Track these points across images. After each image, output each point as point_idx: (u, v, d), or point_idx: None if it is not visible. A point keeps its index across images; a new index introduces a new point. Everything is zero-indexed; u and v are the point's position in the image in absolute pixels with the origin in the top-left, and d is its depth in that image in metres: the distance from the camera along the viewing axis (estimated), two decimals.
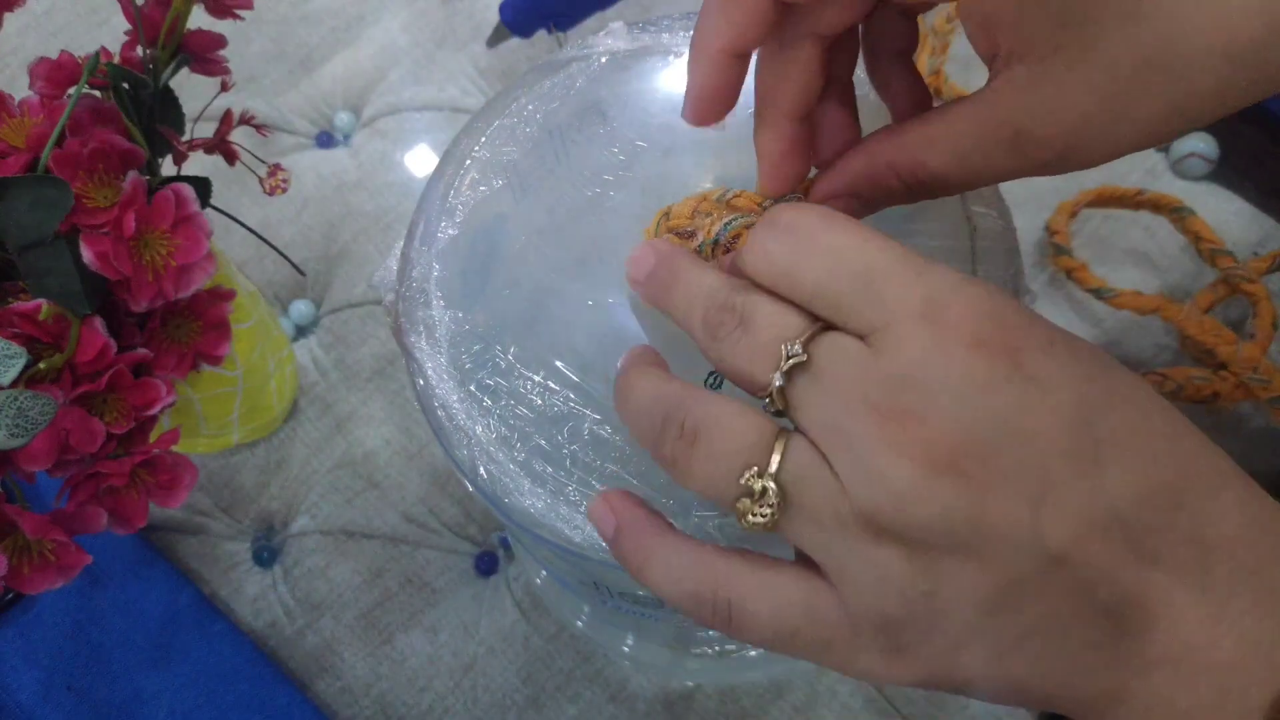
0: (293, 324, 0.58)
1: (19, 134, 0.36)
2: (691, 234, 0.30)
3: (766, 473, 0.23)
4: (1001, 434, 0.21)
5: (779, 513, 0.23)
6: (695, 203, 0.31)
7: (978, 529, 0.21)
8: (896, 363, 0.22)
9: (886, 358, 0.22)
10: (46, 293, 0.34)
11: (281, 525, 0.54)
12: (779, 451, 0.23)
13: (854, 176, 0.28)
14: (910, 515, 0.21)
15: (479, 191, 0.35)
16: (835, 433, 0.22)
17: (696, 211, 0.30)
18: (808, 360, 0.23)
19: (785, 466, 0.23)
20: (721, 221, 0.29)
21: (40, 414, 0.33)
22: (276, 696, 0.49)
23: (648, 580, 0.26)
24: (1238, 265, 0.53)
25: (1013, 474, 0.21)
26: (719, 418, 0.24)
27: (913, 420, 0.21)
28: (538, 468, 0.31)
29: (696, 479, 0.24)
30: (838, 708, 0.49)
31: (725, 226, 0.29)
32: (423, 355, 0.33)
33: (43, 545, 0.35)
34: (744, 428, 0.24)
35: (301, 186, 0.61)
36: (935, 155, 0.26)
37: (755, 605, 0.24)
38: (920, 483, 0.21)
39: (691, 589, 0.25)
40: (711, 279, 0.26)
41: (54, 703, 0.49)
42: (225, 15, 0.40)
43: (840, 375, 0.22)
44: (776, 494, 0.23)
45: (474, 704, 0.50)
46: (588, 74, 0.37)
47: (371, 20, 0.66)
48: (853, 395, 0.22)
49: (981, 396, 0.21)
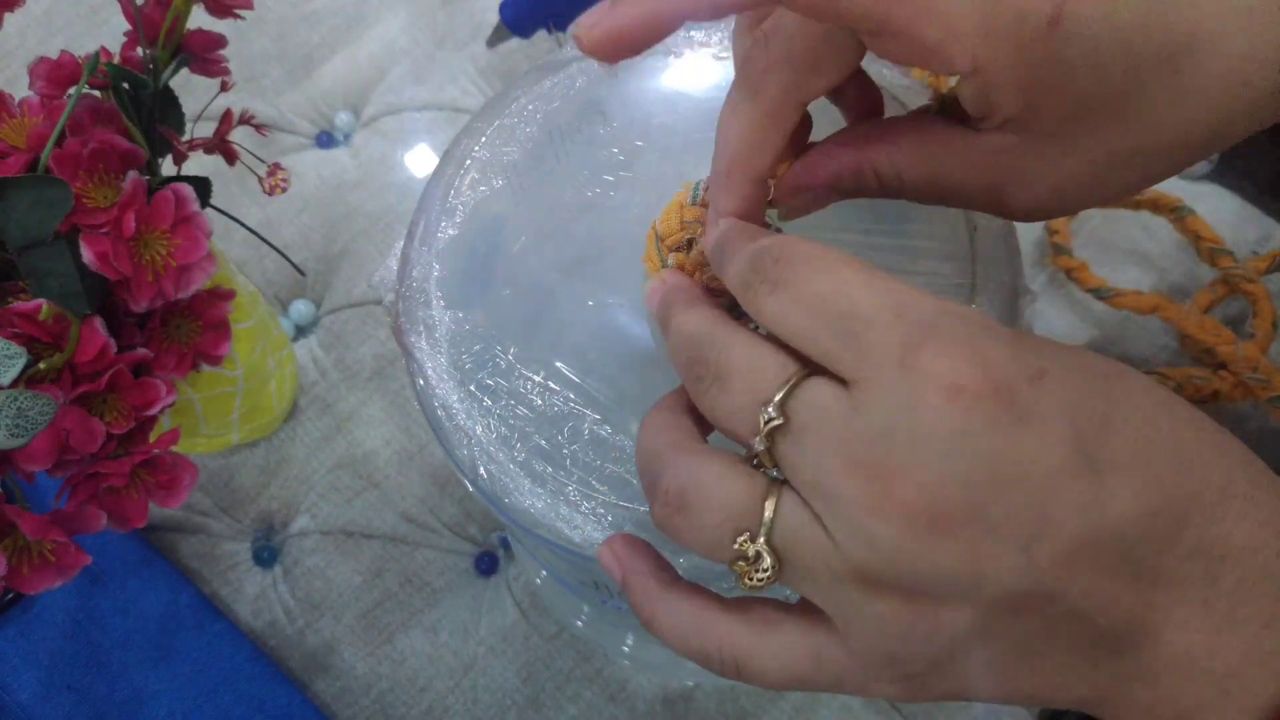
0: (293, 324, 0.58)
1: (19, 134, 0.36)
2: (690, 243, 0.30)
3: (758, 537, 0.23)
4: (988, 482, 0.21)
5: (775, 573, 0.23)
6: (677, 213, 0.31)
7: (970, 579, 0.21)
8: (877, 417, 0.21)
9: (866, 411, 0.22)
10: (46, 293, 0.34)
11: (281, 525, 0.54)
12: (769, 511, 0.23)
13: (838, 170, 0.28)
14: (901, 571, 0.21)
15: (479, 191, 0.35)
16: (822, 492, 0.22)
17: (684, 223, 0.30)
18: (785, 422, 0.23)
19: (777, 528, 0.23)
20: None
21: (40, 414, 0.33)
22: (276, 696, 0.49)
23: (656, 634, 0.26)
24: (1237, 265, 0.53)
25: (1003, 521, 0.21)
26: (705, 482, 0.24)
27: (895, 478, 0.21)
28: (538, 468, 0.31)
29: (688, 545, 0.24)
30: (837, 708, 0.49)
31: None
32: (423, 355, 0.33)
33: (42, 545, 0.35)
34: (730, 491, 0.23)
35: (301, 186, 0.61)
36: (915, 173, 0.27)
37: (762, 662, 0.24)
38: (908, 543, 0.21)
39: (698, 647, 0.25)
40: (693, 324, 0.26)
41: (54, 703, 0.49)
42: (225, 15, 0.40)
43: (821, 434, 0.22)
44: (771, 555, 0.23)
45: (474, 704, 0.50)
46: (588, 74, 0.37)
47: (371, 20, 0.66)
48: (835, 455, 0.22)
49: (964, 445, 0.21)
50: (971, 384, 0.21)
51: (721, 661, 0.25)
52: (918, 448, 0.21)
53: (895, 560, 0.21)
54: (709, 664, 0.25)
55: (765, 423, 0.23)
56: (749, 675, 0.25)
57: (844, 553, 0.22)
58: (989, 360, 0.21)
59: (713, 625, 0.25)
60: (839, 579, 0.22)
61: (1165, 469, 0.22)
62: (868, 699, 0.49)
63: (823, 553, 0.22)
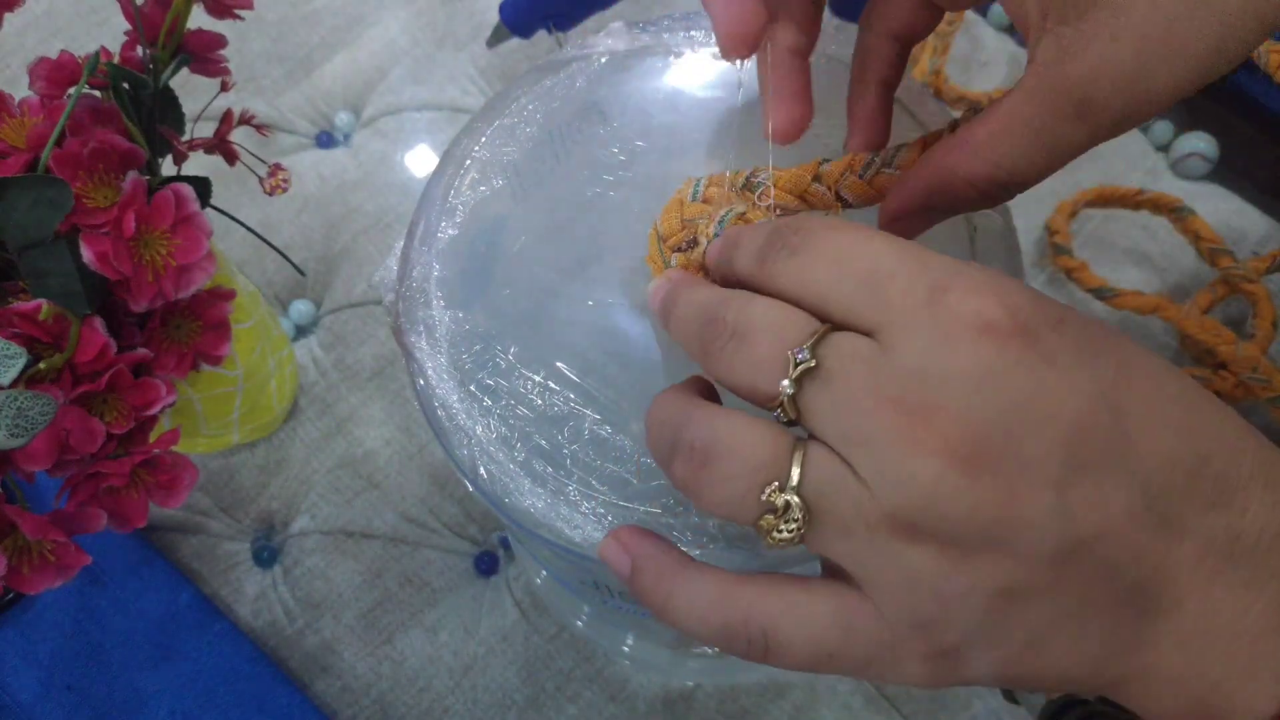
0: (293, 324, 0.58)
1: (19, 134, 0.36)
2: (694, 242, 0.30)
3: (788, 487, 0.22)
4: (1021, 420, 0.21)
5: (805, 526, 0.22)
6: (678, 210, 0.31)
7: (1007, 522, 0.21)
8: (908, 357, 0.21)
9: (897, 353, 0.22)
10: (46, 293, 0.34)
11: (281, 525, 0.54)
12: (798, 463, 0.22)
13: (927, 192, 0.27)
14: (940, 513, 0.21)
15: (479, 191, 0.35)
16: (855, 436, 0.22)
17: (684, 221, 0.30)
18: (816, 365, 0.22)
19: (807, 478, 0.22)
20: (715, 221, 0.29)
21: (40, 414, 0.33)
22: (276, 696, 0.49)
23: (672, 618, 0.25)
24: (1237, 265, 0.53)
25: (1036, 461, 0.21)
26: (729, 435, 0.23)
27: (932, 414, 0.21)
28: (538, 468, 0.31)
29: (713, 502, 0.23)
30: (838, 707, 0.49)
31: (720, 225, 0.29)
32: (423, 355, 0.33)
33: (42, 545, 0.35)
34: (756, 442, 0.23)
35: (301, 186, 0.61)
36: (1006, 151, 0.25)
37: (789, 631, 0.23)
38: (948, 479, 0.21)
39: (721, 622, 0.24)
40: (704, 294, 0.26)
41: (54, 702, 0.49)
42: (225, 15, 0.40)
43: (853, 376, 0.22)
44: (801, 508, 0.22)
45: (474, 704, 0.50)
46: (588, 74, 0.37)
47: (371, 20, 0.66)
48: (868, 395, 0.22)
49: (996, 382, 0.21)
50: (1000, 322, 0.21)
51: (748, 635, 0.24)
52: (952, 384, 0.21)
53: (934, 499, 0.21)
54: (732, 641, 0.24)
55: (796, 365, 0.22)
56: (775, 648, 0.24)
57: (879, 498, 0.21)
58: (1014, 304, 0.22)
59: (734, 595, 0.24)
60: (871, 527, 0.22)
61: (1181, 421, 0.22)
62: (863, 693, 0.49)
63: (855, 501, 0.22)
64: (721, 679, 0.50)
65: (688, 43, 0.37)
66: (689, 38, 0.37)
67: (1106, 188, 0.56)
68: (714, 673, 0.49)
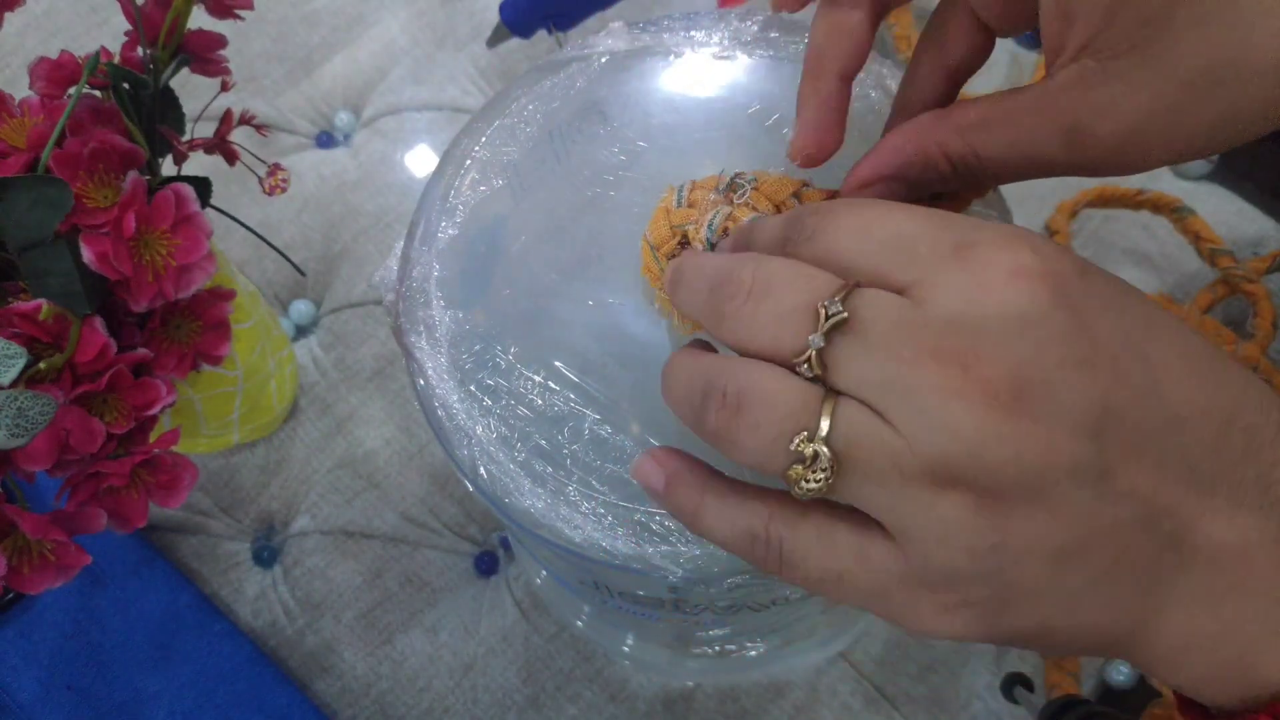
0: (293, 324, 0.58)
1: (19, 134, 0.36)
2: (685, 242, 0.30)
3: (817, 436, 0.22)
4: (1058, 365, 0.21)
5: (834, 476, 0.22)
6: (665, 219, 0.31)
7: (1047, 471, 0.21)
8: (941, 307, 0.21)
9: (930, 305, 0.22)
10: (46, 293, 0.34)
11: (281, 525, 0.54)
12: (827, 414, 0.22)
13: (904, 158, 0.28)
14: (983, 461, 0.21)
15: (479, 191, 0.35)
16: (891, 386, 0.22)
17: (674, 228, 0.30)
18: (848, 317, 0.22)
19: (837, 427, 0.22)
20: (705, 225, 0.29)
21: (40, 414, 0.33)
22: (276, 696, 0.49)
23: (701, 526, 0.25)
24: (1237, 265, 0.53)
25: (1073, 406, 0.21)
26: (760, 383, 0.23)
27: (971, 362, 0.21)
28: (538, 468, 0.31)
29: (744, 450, 0.23)
30: (837, 707, 0.49)
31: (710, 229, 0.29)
32: (423, 355, 0.33)
33: (43, 545, 0.35)
34: (786, 392, 0.23)
35: (301, 186, 0.61)
36: (988, 140, 0.26)
37: (804, 543, 0.24)
38: (989, 427, 0.21)
39: (745, 527, 0.24)
40: (715, 259, 0.26)
41: (54, 703, 0.49)
42: (225, 15, 0.40)
43: (886, 327, 0.22)
44: (829, 458, 0.22)
45: (474, 704, 0.50)
46: (588, 74, 0.37)
47: (371, 20, 0.66)
48: (904, 345, 0.21)
49: (1032, 326, 0.21)
50: (1031, 267, 0.21)
51: (767, 540, 0.24)
52: (989, 331, 0.21)
53: (976, 447, 0.21)
54: (753, 547, 0.24)
55: (828, 317, 0.22)
56: (789, 556, 0.24)
57: (915, 447, 0.21)
58: (1042, 251, 0.22)
59: (759, 504, 0.24)
60: (906, 477, 0.21)
61: (1209, 375, 0.22)
62: (863, 693, 0.49)
63: (889, 451, 0.22)
64: (721, 679, 0.50)
65: (688, 43, 0.37)
66: (689, 38, 0.37)
67: (1107, 187, 0.56)
68: (714, 673, 0.49)
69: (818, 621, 0.45)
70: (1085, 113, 0.25)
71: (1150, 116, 0.24)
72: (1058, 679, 0.48)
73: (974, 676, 0.49)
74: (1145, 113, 0.24)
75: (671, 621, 0.39)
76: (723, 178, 0.31)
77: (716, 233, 0.29)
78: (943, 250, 0.22)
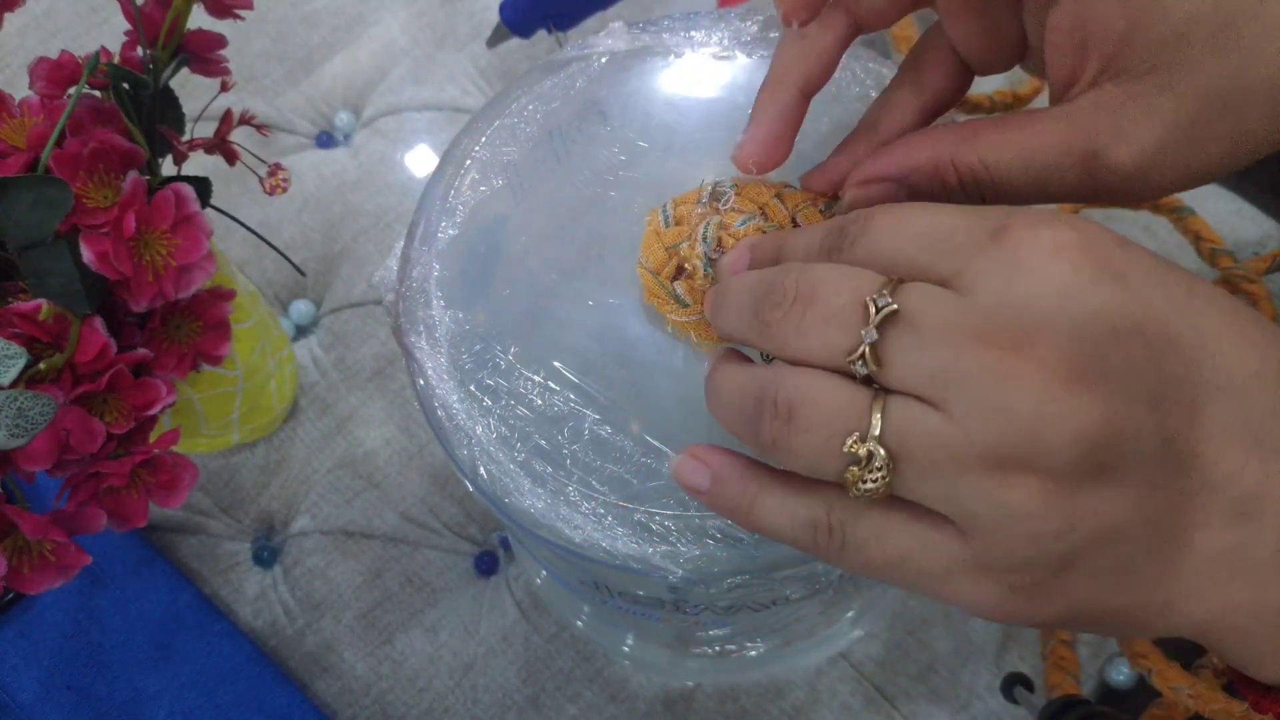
0: (293, 324, 0.58)
1: (19, 134, 0.36)
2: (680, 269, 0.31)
3: (870, 436, 0.22)
4: (1108, 335, 0.21)
5: (891, 474, 0.22)
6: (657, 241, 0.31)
7: (1111, 443, 0.20)
8: (988, 293, 0.21)
9: (976, 292, 0.22)
10: (46, 293, 0.34)
11: (281, 525, 0.54)
12: (878, 411, 0.22)
13: (914, 162, 0.28)
14: (1045, 442, 0.20)
15: (479, 191, 0.35)
16: (945, 376, 0.21)
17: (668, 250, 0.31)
18: (898, 310, 0.22)
19: (889, 425, 0.22)
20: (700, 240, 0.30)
21: (40, 414, 0.33)
22: (276, 696, 0.49)
23: (757, 520, 0.25)
24: (1238, 265, 0.53)
25: (1129, 376, 0.21)
26: (810, 388, 0.23)
27: (1022, 343, 0.21)
28: (538, 468, 0.31)
29: (799, 456, 0.23)
30: (837, 707, 0.49)
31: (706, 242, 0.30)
32: (423, 355, 0.33)
33: (42, 545, 0.35)
34: (834, 394, 0.23)
35: (301, 186, 0.61)
36: (1002, 160, 0.26)
37: (866, 530, 0.23)
38: (1049, 406, 0.20)
39: (806, 516, 0.24)
40: (755, 275, 0.26)
41: (54, 703, 0.49)
42: (225, 15, 0.40)
43: (937, 318, 0.22)
44: (884, 457, 0.22)
45: (474, 704, 0.50)
46: (588, 74, 0.37)
47: (371, 20, 0.66)
48: (956, 334, 0.21)
49: (1079, 299, 0.21)
50: (1070, 240, 0.21)
51: (830, 528, 0.24)
52: (1036, 308, 0.21)
53: (1035, 428, 0.20)
54: (815, 536, 0.24)
55: (879, 309, 0.22)
56: (851, 545, 0.24)
57: (973, 436, 0.21)
58: (1079, 227, 0.22)
59: (820, 493, 0.24)
60: (965, 467, 0.21)
61: (1258, 338, 0.22)
62: (863, 693, 0.49)
63: (945, 442, 0.21)
64: (721, 679, 0.50)
65: (688, 43, 0.37)
66: (689, 38, 0.37)
67: None
68: (714, 673, 0.49)
69: (817, 622, 0.45)
70: (1105, 137, 0.25)
71: (1169, 139, 0.25)
72: (1057, 679, 0.48)
73: (974, 677, 0.49)
74: (1164, 136, 0.25)
75: (671, 621, 0.39)
76: (703, 190, 0.31)
77: (712, 244, 0.29)
78: (980, 238, 0.22)
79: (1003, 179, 0.27)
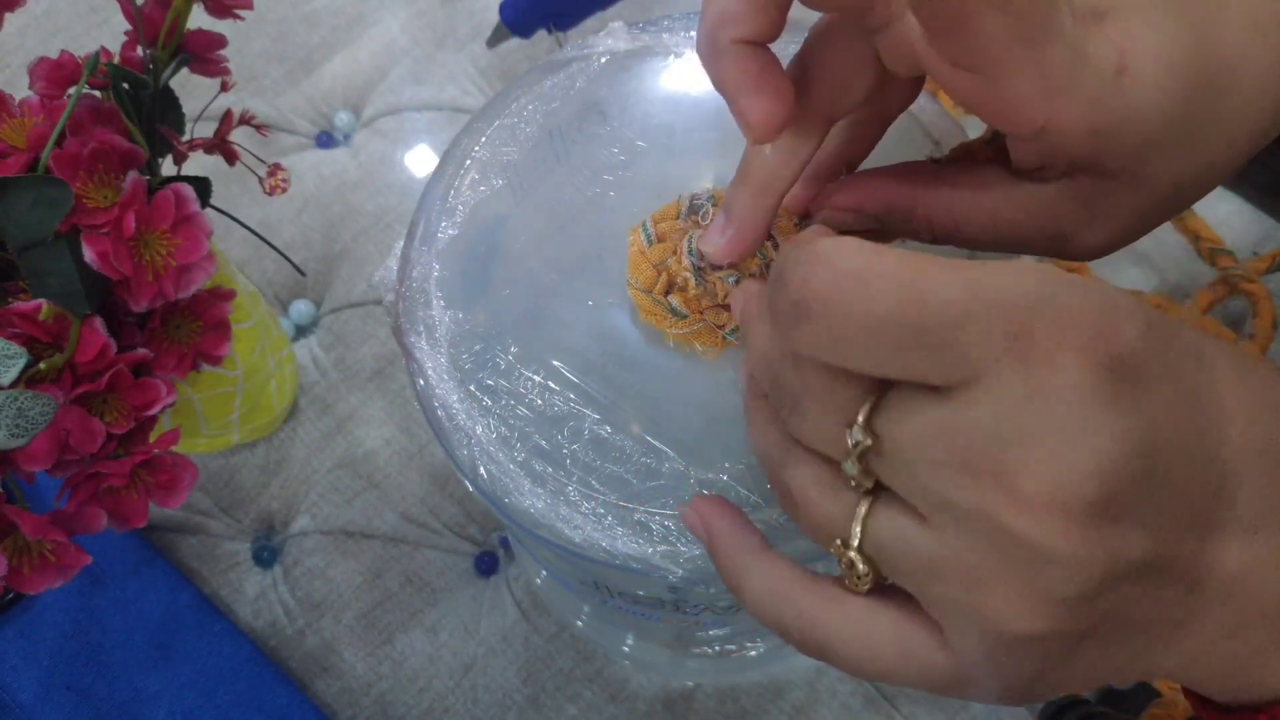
0: (293, 324, 0.58)
1: (19, 134, 0.36)
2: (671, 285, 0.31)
3: (850, 546, 0.22)
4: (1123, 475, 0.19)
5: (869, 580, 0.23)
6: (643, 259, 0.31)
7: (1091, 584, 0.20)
8: (988, 418, 0.20)
9: (974, 413, 0.20)
10: (46, 293, 0.34)
11: (281, 525, 0.54)
12: (858, 521, 0.22)
13: (890, 204, 0.28)
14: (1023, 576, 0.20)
15: (479, 191, 0.35)
16: (926, 495, 0.21)
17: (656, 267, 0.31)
18: (876, 441, 0.21)
19: (868, 538, 0.22)
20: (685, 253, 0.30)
21: (40, 414, 0.33)
22: (276, 696, 0.49)
23: (742, 601, 0.25)
24: (1237, 265, 0.53)
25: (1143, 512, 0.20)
26: (800, 491, 0.24)
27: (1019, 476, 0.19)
28: (538, 468, 0.31)
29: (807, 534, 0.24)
30: (837, 707, 0.49)
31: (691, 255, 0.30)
32: (423, 355, 0.33)
33: (42, 545, 0.35)
34: (824, 501, 0.23)
35: (301, 186, 0.61)
36: (972, 219, 0.28)
37: (846, 647, 0.23)
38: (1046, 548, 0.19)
39: (784, 625, 0.24)
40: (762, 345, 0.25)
41: (54, 703, 0.49)
42: (225, 15, 0.40)
43: (919, 446, 0.21)
44: (865, 566, 0.22)
45: (474, 704, 0.50)
46: (588, 74, 0.37)
47: (371, 20, 0.66)
48: (939, 458, 0.20)
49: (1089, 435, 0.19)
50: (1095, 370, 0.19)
51: (804, 643, 0.24)
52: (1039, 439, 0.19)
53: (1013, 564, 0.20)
54: (789, 639, 0.24)
55: (854, 446, 0.21)
56: (833, 659, 0.24)
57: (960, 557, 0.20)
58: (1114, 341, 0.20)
59: (797, 601, 0.24)
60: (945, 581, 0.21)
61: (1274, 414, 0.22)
62: (863, 694, 0.49)
63: (926, 558, 0.21)
64: (721, 679, 0.50)
65: (688, 43, 0.37)
66: (689, 38, 0.37)
67: None
68: (714, 673, 0.49)
69: None
70: (1075, 223, 0.27)
71: (1133, 224, 0.27)
72: None
73: None
74: (1130, 222, 0.27)
75: (671, 621, 0.39)
76: (681, 203, 0.31)
77: (697, 255, 0.30)
78: (992, 346, 0.19)
79: (968, 236, 0.28)
